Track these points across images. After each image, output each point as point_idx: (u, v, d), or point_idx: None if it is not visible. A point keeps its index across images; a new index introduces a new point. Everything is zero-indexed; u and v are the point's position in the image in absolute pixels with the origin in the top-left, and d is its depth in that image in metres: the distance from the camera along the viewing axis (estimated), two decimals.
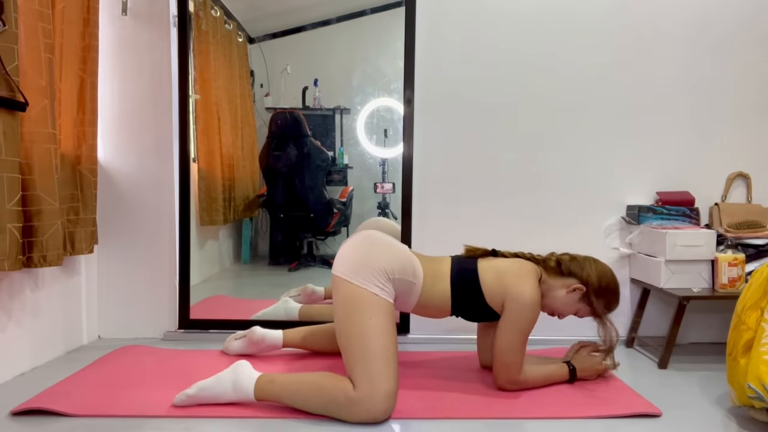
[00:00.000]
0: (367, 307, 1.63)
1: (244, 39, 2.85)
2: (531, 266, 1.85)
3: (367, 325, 1.61)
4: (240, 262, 2.91)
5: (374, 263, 1.69)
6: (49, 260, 1.89)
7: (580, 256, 1.92)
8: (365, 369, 1.55)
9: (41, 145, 1.86)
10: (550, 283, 1.87)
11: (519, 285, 1.76)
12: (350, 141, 2.79)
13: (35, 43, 1.84)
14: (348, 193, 2.83)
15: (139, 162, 2.42)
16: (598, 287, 1.84)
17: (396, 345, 1.64)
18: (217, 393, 1.64)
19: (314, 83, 2.80)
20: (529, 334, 1.77)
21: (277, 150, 2.83)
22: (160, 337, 2.44)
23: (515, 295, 1.75)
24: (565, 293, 1.86)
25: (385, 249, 1.75)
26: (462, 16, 2.43)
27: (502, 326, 1.77)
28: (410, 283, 1.77)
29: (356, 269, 1.68)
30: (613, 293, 1.88)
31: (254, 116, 2.84)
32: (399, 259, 1.75)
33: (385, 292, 1.67)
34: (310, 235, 2.88)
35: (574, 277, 1.86)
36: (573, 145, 2.46)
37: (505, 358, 1.78)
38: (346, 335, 1.63)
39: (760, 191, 2.48)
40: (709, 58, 2.45)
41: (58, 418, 1.58)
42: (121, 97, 2.39)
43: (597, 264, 1.89)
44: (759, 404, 1.53)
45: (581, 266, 1.87)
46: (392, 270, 1.71)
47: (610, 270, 1.90)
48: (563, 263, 1.89)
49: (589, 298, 1.85)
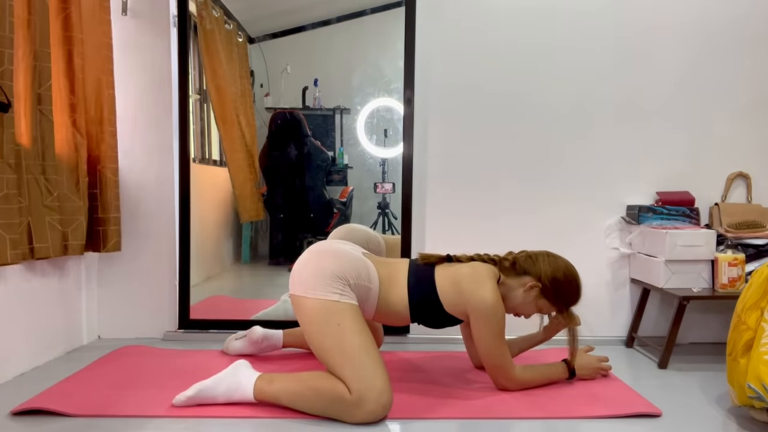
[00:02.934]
0: (332, 316, 1.62)
1: (244, 39, 2.85)
2: (487, 269, 1.81)
3: (338, 331, 1.60)
4: (240, 262, 2.91)
5: (326, 272, 1.67)
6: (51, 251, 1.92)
7: (535, 252, 1.88)
8: (353, 372, 1.55)
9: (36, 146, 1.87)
10: (509, 283, 1.84)
11: (477, 291, 1.73)
12: (350, 141, 2.79)
13: (30, 49, 1.84)
14: (348, 193, 2.83)
15: (139, 162, 2.42)
16: (553, 281, 1.80)
17: (373, 342, 1.63)
18: (216, 394, 1.64)
19: (314, 83, 2.80)
20: (504, 333, 1.76)
21: (277, 150, 2.83)
22: (160, 337, 2.44)
23: (476, 303, 1.72)
24: (523, 291, 1.82)
25: (335, 256, 1.73)
26: (462, 16, 2.43)
27: (476, 335, 1.76)
28: (366, 287, 1.74)
29: (310, 283, 1.66)
30: (570, 285, 1.83)
31: (254, 116, 2.84)
32: (351, 264, 1.72)
33: (345, 296, 1.66)
34: (310, 235, 2.88)
35: (528, 275, 1.83)
36: (573, 145, 2.46)
37: (492, 362, 1.78)
38: (322, 349, 1.61)
39: (760, 191, 2.48)
40: (709, 58, 2.45)
41: (58, 418, 1.58)
42: (121, 97, 2.39)
43: (551, 258, 1.85)
44: (759, 404, 1.53)
45: (533, 262, 1.83)
46: (345, 276, 1.68)
47: (566, 263, 1.85)
48: (518, 261, 1.86)
49: (546, 293, 1.82)
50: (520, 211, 2.47)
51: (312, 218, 2.86)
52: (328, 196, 2.85)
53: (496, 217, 2.46)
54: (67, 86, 2.08)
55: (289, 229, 2.88)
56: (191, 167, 2.48)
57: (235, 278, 2.86)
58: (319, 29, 2.82)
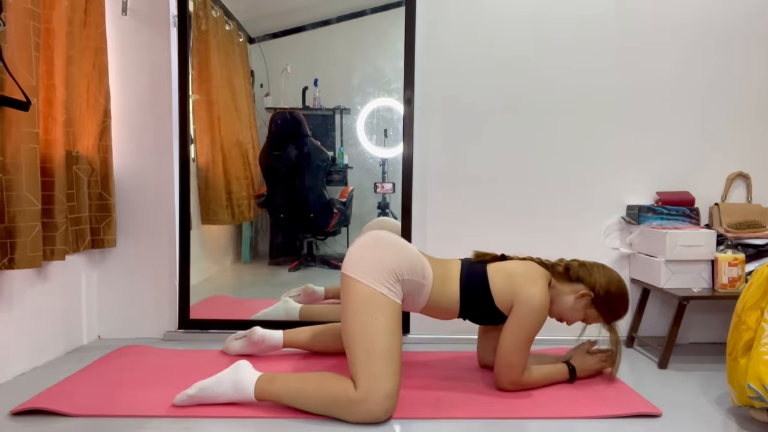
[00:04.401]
0: (374, 307, 1.63)
1: (244, 39, 2.85)
2: (541, 270, 1.84)
3: (372, 325, 1.60)
4: (240, 262, 2.91)
5: (384, 263, 1.69)
6: (23, 263, 1.82)
7: (589, 262, 1.91)
8: (368, 369, 1.55)
9: (26, 144, 1.83)
10: (559, 288, 1.87)
11: (529, 287, 1.75)
12: (350, 141, 2.79)
13: (26, 43, 1.82)
14: (348, 193, 2.83)
15: (139, 162, 2.41)
16: (606, 293, 1.84)
17: (401, 346, 1.64)
18: (217, 393, 1.64)
19: (314, 83, 2.80)
20: (534, 337, 1.77)
21: (277, 150, 2.83)
22: (160, 337, 2.44)
23: (525, 297, 1.75)
24: (574, 299, 1.85)
25: (395, 250, 1.75)
26: (462, 16, 2.43)
27: (508, 327, 1.77)
28: (419, 284, 1.76)
29: (366, 269, 1.67)
30: (621, 300, 1.87)
31: (254, 116, 2.84)
32: (408, 260, 1.75)
33: (393, 293, 1.67)
34: (310, 235, 2.88)
35: (582, 283, 1.86)
36: (573, 145, 2.46)
37: (508, 359, 1.77)
38: (351, 334, 1.62)
39: (760, 191, 2.48)
40: (708, 58, 2.45)
41: (58, 418, 1.58)
42: (121, 97, 2.39)
43: (606, 270, 1.89)
44: (759, 404, 1.53)
45: (590, 272, 1.87)
46: (401, 271, 1.70)
47: (619, 277, 1.89)
48: (572, 269, 1.89)
49: (597, 304, 1.85)
50: (521, 211, 2.47)
51: (312, 218, 2.86)
52: (328, 196, 2.85)
53: (496, 217, 2.46)
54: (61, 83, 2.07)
55: (289, 229, 2.88)
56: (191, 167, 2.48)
57: (235, 278, 2.86)
58: (319, 29, 2.82)
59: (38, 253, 1.87)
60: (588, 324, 1.92)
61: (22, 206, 1.81)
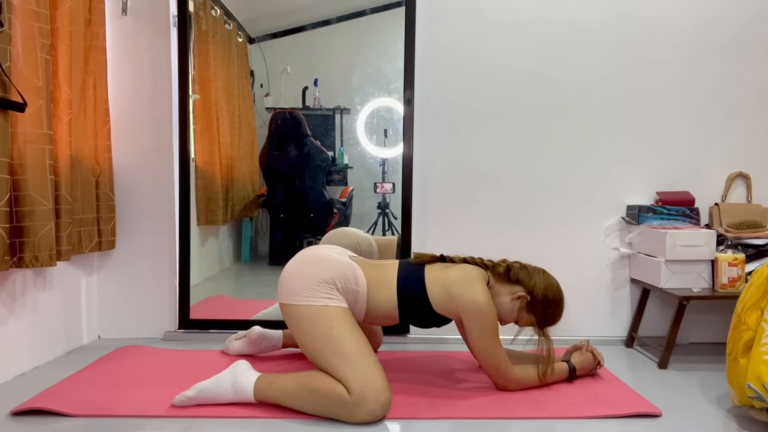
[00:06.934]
0: (322, 321, 1.64)
1: (244, 39, 2.85)
2: (478, 271, 1.81)
3: (330, 334, 1.62)
4: (240, 262, 2.91)
5: (312, 278, 1.69)
6: (40, 261, 1.86)
7: (531, 265, 1.89)
8: (351, 372, 1.56)
9: (35, 145, 1.85)
10: (497, 288, 1.85)
11: (468, 292, 1.73)
12: (350, 141, 2.79)
13: (32, 44, 1.83)
14: (348, 193, 2.83)
15: (139, 162, 2.42)
16: (543, 298, 1.82)
17: (367, 342, 1.64)
18: (216, 394, 1.64)
19: (314, 83, 2.80)
20: (498, 333, 1.76)
21: (277, 150, 2.83)
22: (160, 337, 2.44)
23: (468, 303, 1.72)
24: (510, 299, 1.83)
25: (320, 262, 1.75)
26: (462, 16, 2.43)
27: (470, 336, 1.76)
28: (355, 291, 1.76)
29: (297, 290, 1.69)
30: (556, 307, 1.84)
31: (254, 116, 2.84)
32: (336, 269, 1.74)
33: (334, 299, 1.68)
34: (310, 235, 2.88)
35: (520, 285, 1.84)
36: (573, 145, 2.46)
37: (488, 363, 1.78)
38: (316, 353, 1.63)
39: (760, 191, 2.48)
40: (708, 59, 2.45)
41: (58, 418, 1.58)
42: (121, 97, 2.39)
43: (546, 276, 1.87)
44: (759, 404, 1.53)
45: (530, 275, 1.85)
46: (332, 280, 1.71)
47: (557, 284, 1.87)
48: (513, 270, 1.87)
49: (532, 308, 1.83)
50: (521, 211, 2.47)
51: (312, 218, 2.86)
52: (328, 196, 2.85)
53: (496, 217, 2.46)
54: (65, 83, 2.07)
55: (289, 229, 2.88)
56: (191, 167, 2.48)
57: (235, 278, 2.86)
58: (319, 29, 2.82)
59: (51, 251, 1.89)
60: (520, 327, 1.90)
61: (34, 206, 1.84)
